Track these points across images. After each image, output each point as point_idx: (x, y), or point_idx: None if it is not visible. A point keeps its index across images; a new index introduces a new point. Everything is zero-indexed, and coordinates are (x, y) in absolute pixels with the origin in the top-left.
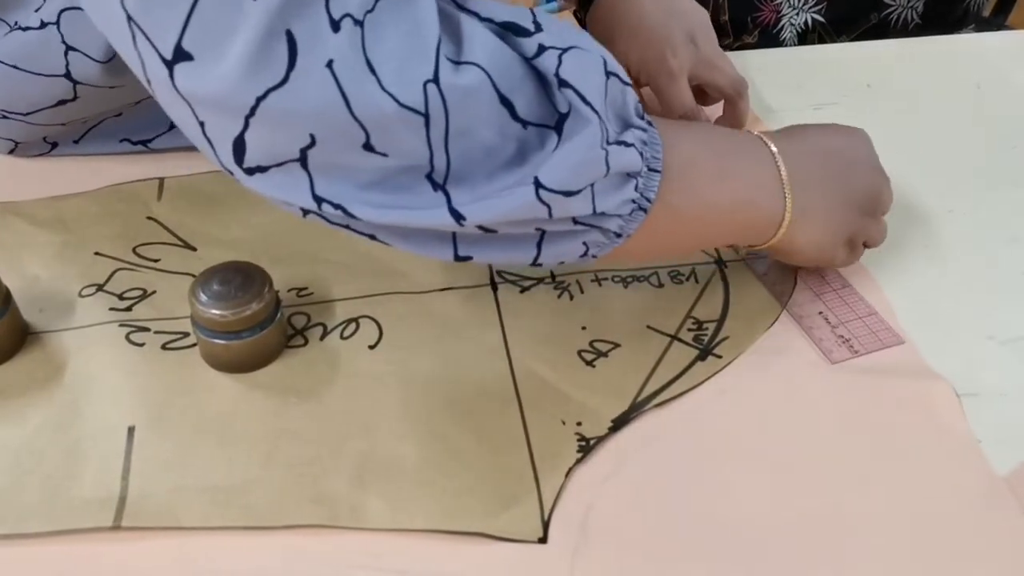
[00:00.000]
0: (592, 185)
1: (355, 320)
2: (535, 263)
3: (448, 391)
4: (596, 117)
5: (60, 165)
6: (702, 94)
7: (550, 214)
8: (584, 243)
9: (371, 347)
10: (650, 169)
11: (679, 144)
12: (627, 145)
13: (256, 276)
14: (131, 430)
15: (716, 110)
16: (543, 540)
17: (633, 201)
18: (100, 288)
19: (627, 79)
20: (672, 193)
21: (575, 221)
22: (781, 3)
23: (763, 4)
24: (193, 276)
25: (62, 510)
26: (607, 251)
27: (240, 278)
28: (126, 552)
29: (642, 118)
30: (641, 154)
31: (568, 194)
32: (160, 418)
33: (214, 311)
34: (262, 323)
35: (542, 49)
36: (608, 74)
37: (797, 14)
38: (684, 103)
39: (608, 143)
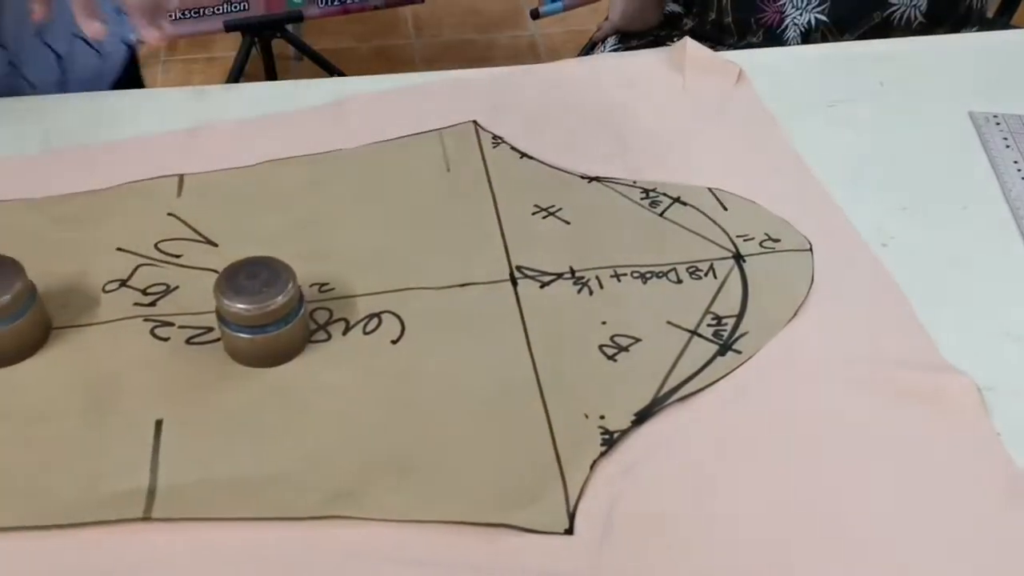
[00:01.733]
0: None
1: (377, 315)
2: None
3: (471, 386)
4: None
5: (79, 162)
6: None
7: None
8: None
9: (393, 342)
10: None
11: None
12: None
13: (281, 271)
14: (159, 424)
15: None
16: (569, 531)
17: None
18: (123, 283)
19: None
20: None
21: None
22: (784, 3)
23: (766, 5)
24: (215, 272)
25: (93, 502)
26: None
27: (265, 273)
28: (154, 543)
29: None
30: None
31: None
32: (187, 412)
33: (239, 305)
34: (286, 317)
35: None
36: None
37: (800, 14)
38: None
39: None
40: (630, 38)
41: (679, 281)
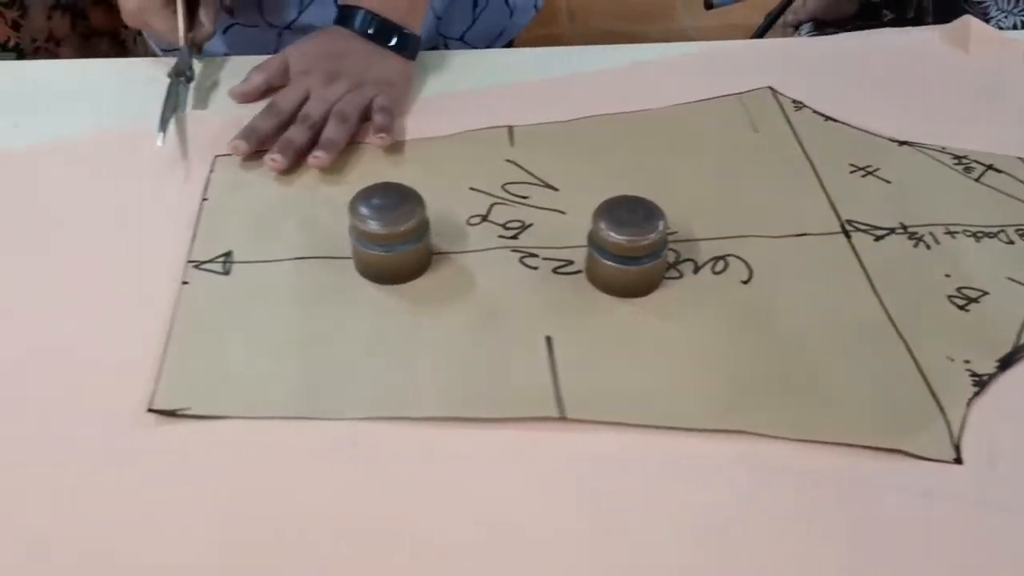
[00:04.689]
0: None
1: (722, 258)
2: None
3: (827, 325)
4: None
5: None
6: None
7: None
8: None
9: (744, 282)
10: None
11: None
12: None
13: (653, 211)
14: (549, 339)
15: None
16: (958, 460)
17: None
18: (484, 219)
19: None
20: None
21: None
22: (988, 5)
23: (970, 7)
24: (561, 212)
25: (507, 399)
26: None
27: (641, 210)
28: (570, 439)
29: None
30: None
31: None
32: (569, 331)
33: (619, 237)
34: (655, 252)
35: None
36: None
37: (1005, 16)
38: None
39: None
40: (825, 26)
41: (1011, 242)
